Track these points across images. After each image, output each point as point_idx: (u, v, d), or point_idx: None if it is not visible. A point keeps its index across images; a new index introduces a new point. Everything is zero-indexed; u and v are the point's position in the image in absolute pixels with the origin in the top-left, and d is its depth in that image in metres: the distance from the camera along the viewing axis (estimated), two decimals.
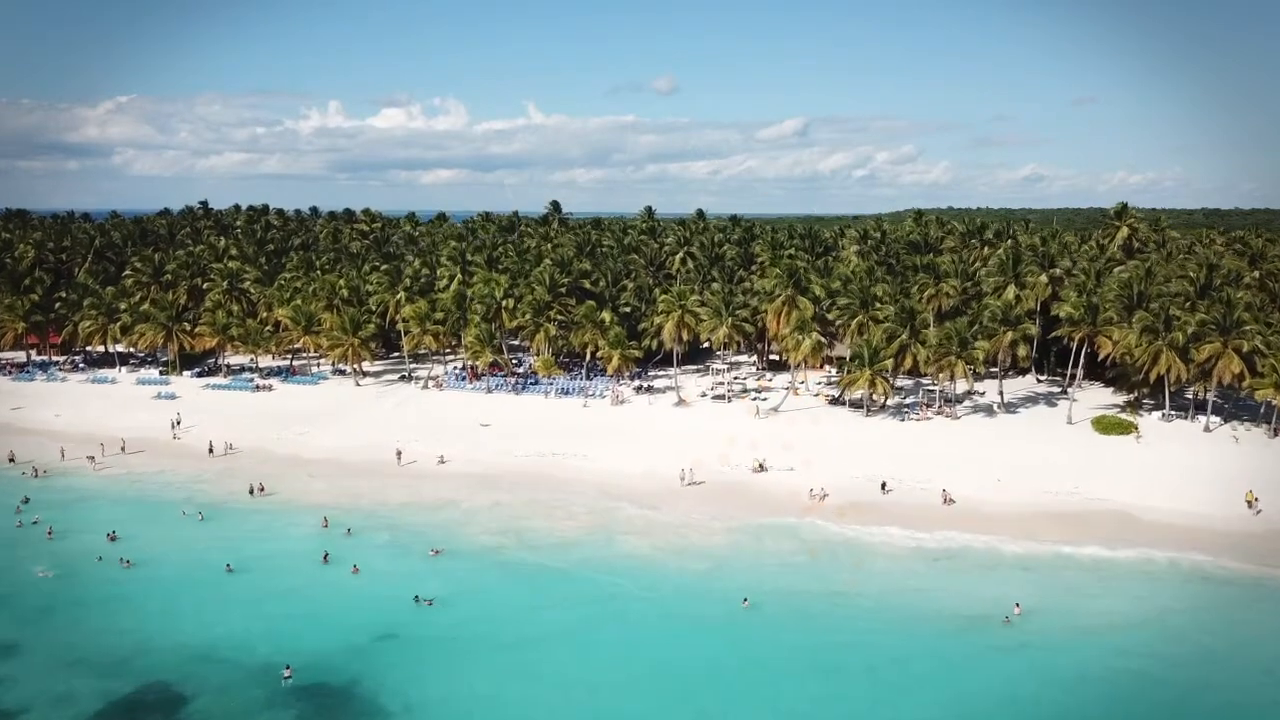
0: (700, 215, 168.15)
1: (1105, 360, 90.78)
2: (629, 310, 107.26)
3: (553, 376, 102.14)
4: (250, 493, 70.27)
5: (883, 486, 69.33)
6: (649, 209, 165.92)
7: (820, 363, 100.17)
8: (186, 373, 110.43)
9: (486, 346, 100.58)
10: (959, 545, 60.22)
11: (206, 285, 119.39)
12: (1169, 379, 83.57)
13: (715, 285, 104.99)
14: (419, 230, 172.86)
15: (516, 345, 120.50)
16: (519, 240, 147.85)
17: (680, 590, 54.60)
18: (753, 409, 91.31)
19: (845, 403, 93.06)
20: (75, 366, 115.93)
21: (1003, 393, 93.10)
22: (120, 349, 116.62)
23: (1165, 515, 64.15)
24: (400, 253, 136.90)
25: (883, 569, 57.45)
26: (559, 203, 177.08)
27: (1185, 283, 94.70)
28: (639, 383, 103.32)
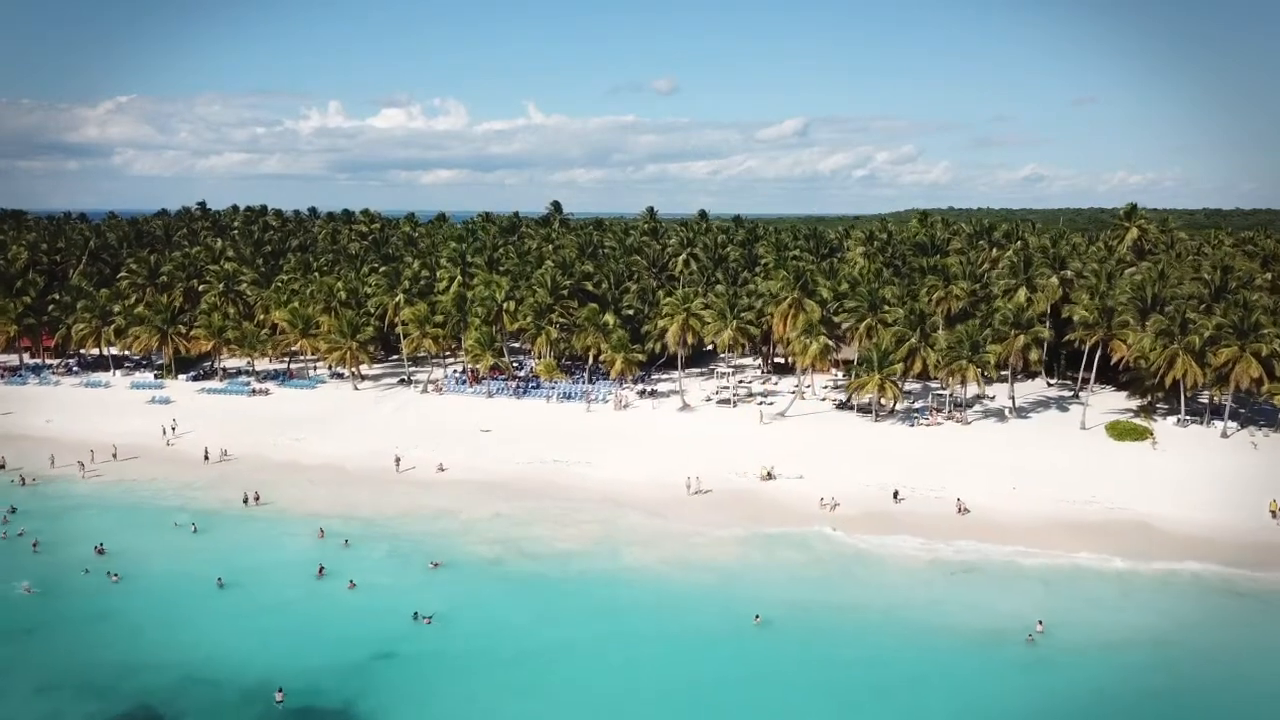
0: (703, 216, 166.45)
1: (1118, 364, 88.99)
2: (632, 313, 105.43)
3: (555, 380, 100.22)
4: (245, 502, 68.37)
5: (895, 495, 67.49)
6: (651, 209, 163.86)
7: (827, 366, 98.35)
8: (182, 376, 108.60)
9: (487, 350, 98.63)
10: (976, 557, 58.35)
11: (202, 287, 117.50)
12: (1185, 384, 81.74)
13: (719, 287, 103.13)
14: (418, 231, 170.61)
15: (517, 348, 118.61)
16: (520, 241, 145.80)
17: (688, 605, 52.79)
18: (759, 414, 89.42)
19: (853, 407, 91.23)
20: (69, 370, 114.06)
21: (1014, 397, 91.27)
22: (115, 352, 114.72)
23: (1186, 526, 62.36)
24: (399, 254, 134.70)
25: (898, 582, 55.52)
26: (560, 203, 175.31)
27: (1199, 285, 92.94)
28: (642, 386, 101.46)
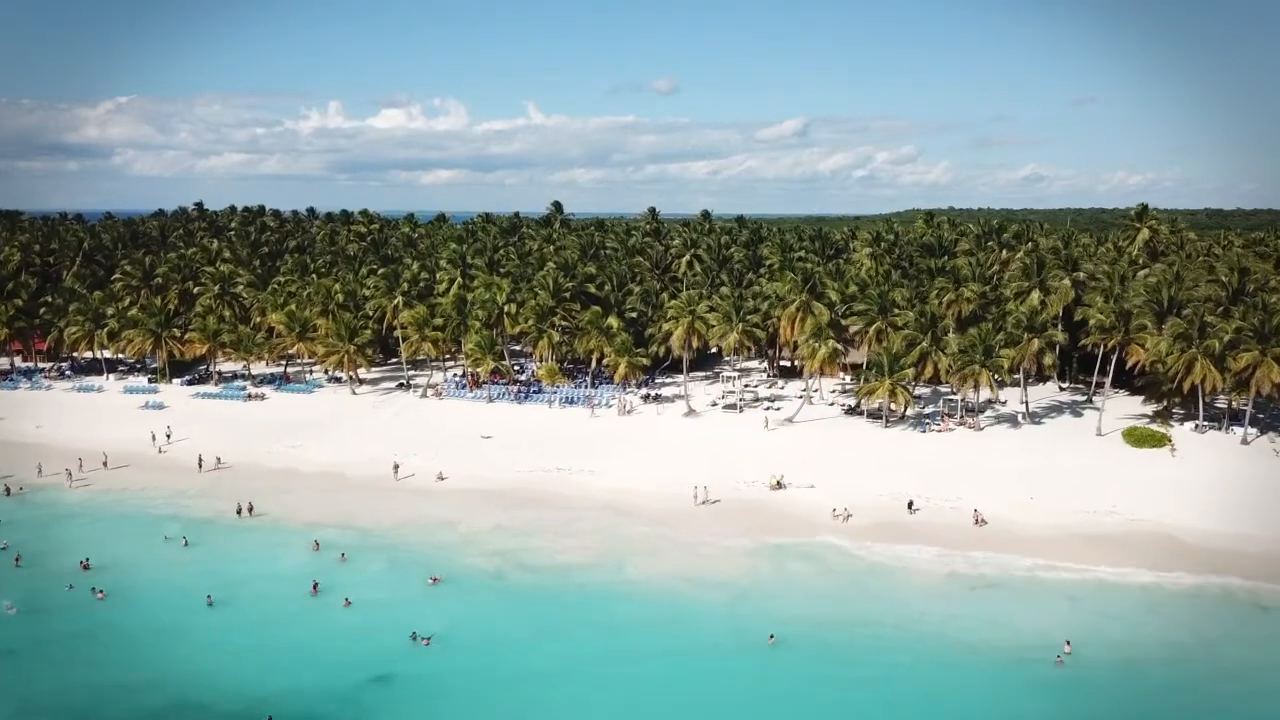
0: (706, 216, 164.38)
1: (1133, 368, 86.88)
2: (635, 315, 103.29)
3: (557, 385, 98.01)
4: (238, 512, 66.21)
5: (909, 505, 65.39)
6: (653, 210, 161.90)
7: (836, 370, 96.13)
8: (176, 380, 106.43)
9: (488, 353, 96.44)
10: (996, 572, 56.24)
11: (198, 289, 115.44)
12: (1204, 389, 79.70)
13: (724, 289, 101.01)
14: (418, 232, 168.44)
15: (519, 352, 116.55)
16: (520, 242, 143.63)
17: (697, 621, 50.82)
18: (765, 419, 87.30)
19: (863, 412, 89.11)
20: (61, 374, 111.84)
21: (1026, 402, 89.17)
22: (108, 355, 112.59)
23: (1211, 538, 60.28)
24: (399, 255, 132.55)
25: (916, 598, 53.37)
26: (560, 204, 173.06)
27: (1216, 287, 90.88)
28: (646, 391, 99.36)
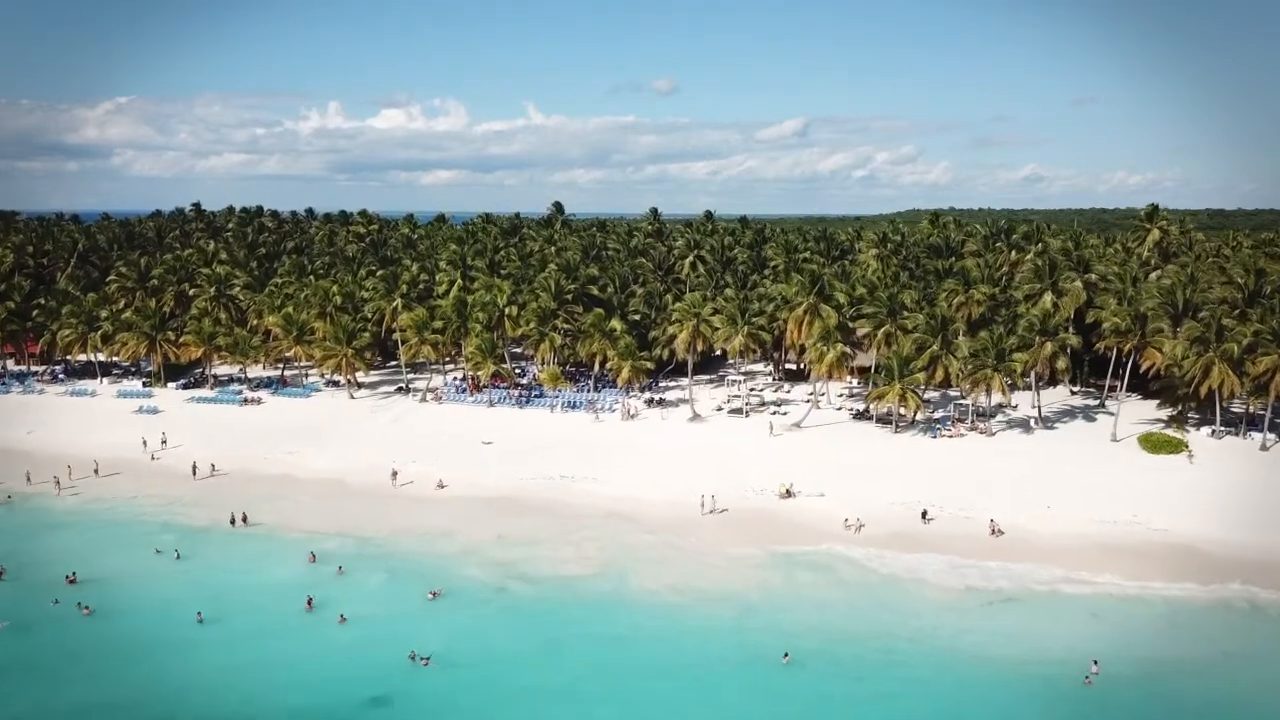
0: (709, 217, 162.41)
1: (1145, 372, 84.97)
2: (638, 318, 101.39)
3: (559, 389, 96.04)
4: (232, 522, 64.39)
5: (924, 515, 63.50)
6: (654, 210, 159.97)
7: (844, 374, 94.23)
8: (171, 384, 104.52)
9: (488, 357, 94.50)
10: (1015, 585, 54.32)
11: (194, 291, 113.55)
12: (1221, 393, 77.86)
13: (729, 291, 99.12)
14: (418, 233, 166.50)
15: (520, 355, 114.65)
16: (521, 244, 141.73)
17: (706, 636, 49.00)
18: (770, 425, 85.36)
19: (871, 417, 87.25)
20: (54, 377, 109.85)
21: (1038, 406, 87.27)
22: (102, 359, 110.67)
23: (1233, 548, 58.36)
24: (398, 257, 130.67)
25: (932, 612, 51.49)
26: (561, 204, 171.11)
27: (1231, 289, 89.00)
28: (650, 395, 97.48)
